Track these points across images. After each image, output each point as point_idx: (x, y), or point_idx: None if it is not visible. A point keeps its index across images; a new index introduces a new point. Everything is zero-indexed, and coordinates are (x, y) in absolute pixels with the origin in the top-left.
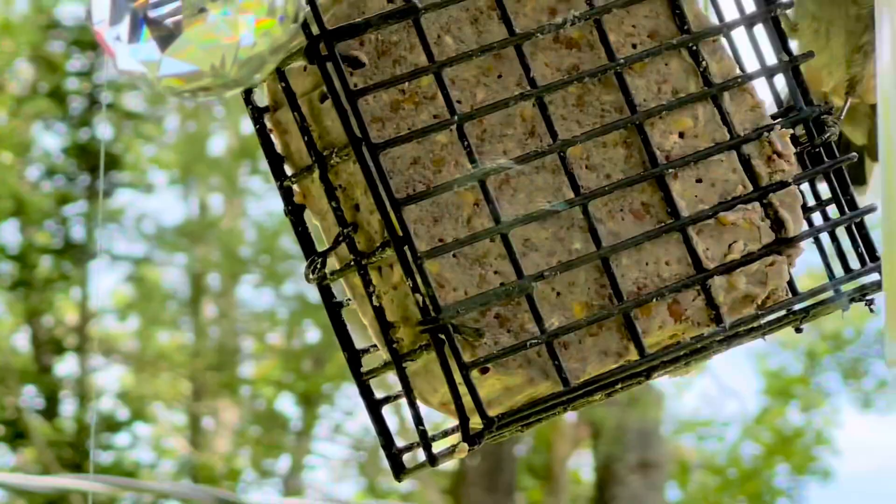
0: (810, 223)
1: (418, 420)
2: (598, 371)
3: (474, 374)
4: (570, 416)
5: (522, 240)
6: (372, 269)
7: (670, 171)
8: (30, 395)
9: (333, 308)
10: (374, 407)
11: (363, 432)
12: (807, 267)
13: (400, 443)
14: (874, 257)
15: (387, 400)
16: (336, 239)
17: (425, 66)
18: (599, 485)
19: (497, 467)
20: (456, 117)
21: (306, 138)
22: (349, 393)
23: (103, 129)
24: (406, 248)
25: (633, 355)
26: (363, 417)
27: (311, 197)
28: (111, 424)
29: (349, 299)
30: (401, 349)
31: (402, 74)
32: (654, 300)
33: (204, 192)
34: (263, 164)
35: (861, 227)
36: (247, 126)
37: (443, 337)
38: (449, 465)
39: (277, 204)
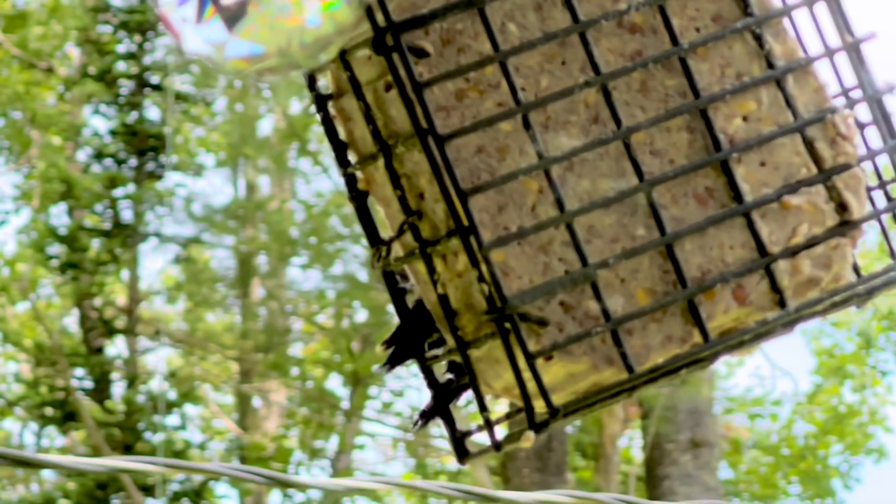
0: (872, 203)
1: (482, 406)
2: (662, 357)
3: (539, 361)
4: None
5: (586, 227)
6: (436, 257)
7: (734, 155)
8: (79, 377)
9: (398, 294)
10: (438, 392)
11: (412, 412)
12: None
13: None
14: None
15: (450, 385)
16: (401, 227)
17: (490, 56)
18: (650, 464)
19: (547, 447)
20: (521, 106)
21: (371, 127)
22: (398, 373)
23: (154, 111)
24: (472, 238)
25: (698, 340)
26: (412, 397)
27: (374, 184)
28: (161, 405)
29: (413, 285)
30: (465, 336)
31: (467, 64)
32: (718, 285)
33: (252, 174)
34: (312, 146)
35: None
36: (295, 107)
37: (508, 326)
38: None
39: (325, 185)
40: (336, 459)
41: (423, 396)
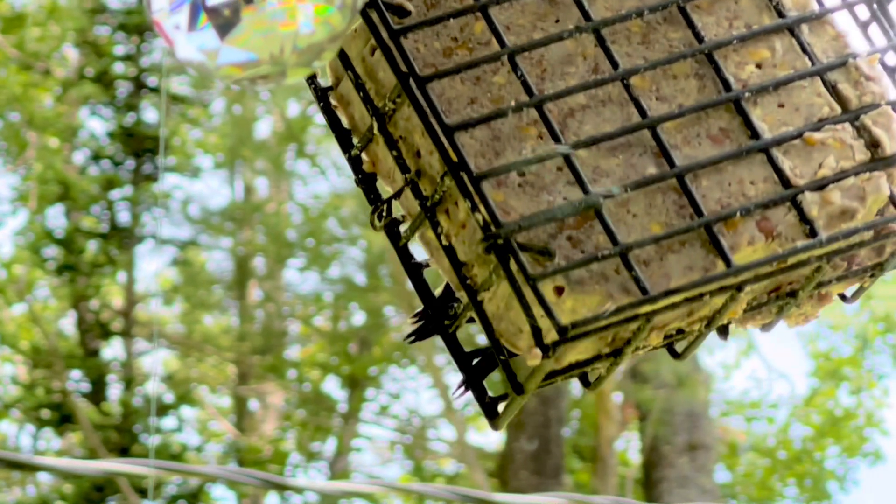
0: None
1: (499, 350)
2: (683, 283)
3: (550, 296)
4: (617, 398)
5: (592, 168)
6: (440, 214)
7: (747, 95)
8: (76, 379)
9: (413, 268)
10: (463, 360)
11: (409, 414)
12: None
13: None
14: None
15: (474, 354)
16: (401, 189)
17: (471, 5)
18: (647, 466)
19: (544, 449)
20: (506, 48)
21: (362, 94)
22: (395, 375)
23: (151, 113)
24: (463, 173)
25: (722, 267)
26: (409, 400)
27: (378, 161)
28: (158, 408)
29: (428, 259)
30: (476, 287)
31: (446, 13)
32: (739, 215)
33: (249, 176)
34: (309, 148)
35: None
36: (293, 109)
37: (508, 251)
38: (495, 446)
39: (323, 187)
40: (333, 462)
41: (421, 399)
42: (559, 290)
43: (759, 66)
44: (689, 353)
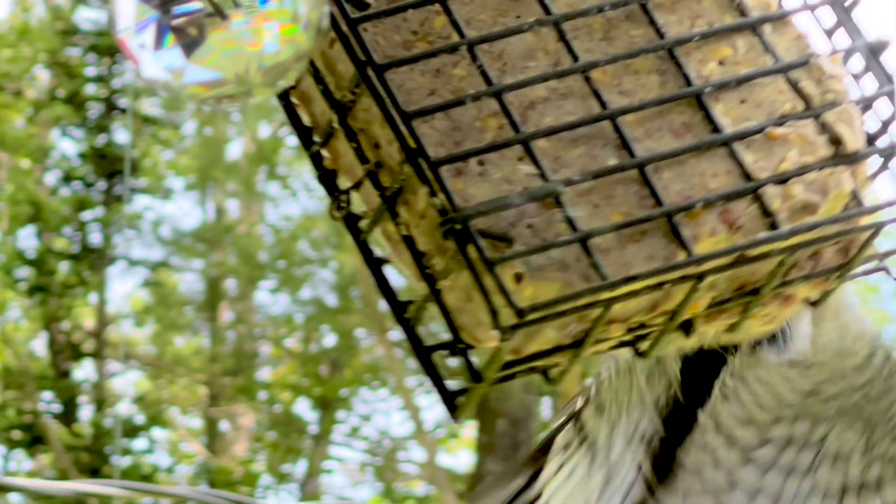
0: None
1: (457, 339)
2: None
3: (509, 282)
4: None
5: (553, 158)
6: (400, 205)
7: (709, 90)
8: (47, 400)
9: (375, 263)
10: (424, 354)
11: (380, 436)
12: None
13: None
14: None
15: (435, 348)
16: (359, 181)
17: None
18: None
19: (514, 472)
20: (466, 39)
21: (322, 88)
22: (366, 397)
23: (122, 134)
24: (421, 160)
25: (683, 256)
26: (380, 421)
27: (339, 157)
28: (129, 429)
29: (389, 255)
30: (436, 277)
31: (406, 3)
32: (701, 205)
33: (221, 197)
34: (281, 170)
35: None
36: (264, 131)
37: (466, 237)
38: (466, 468)
39: (294, 209)
40: (304, 483)
41: (391, 421)
42: (518, 277)
43: (721, 63)
44: (652, 350)
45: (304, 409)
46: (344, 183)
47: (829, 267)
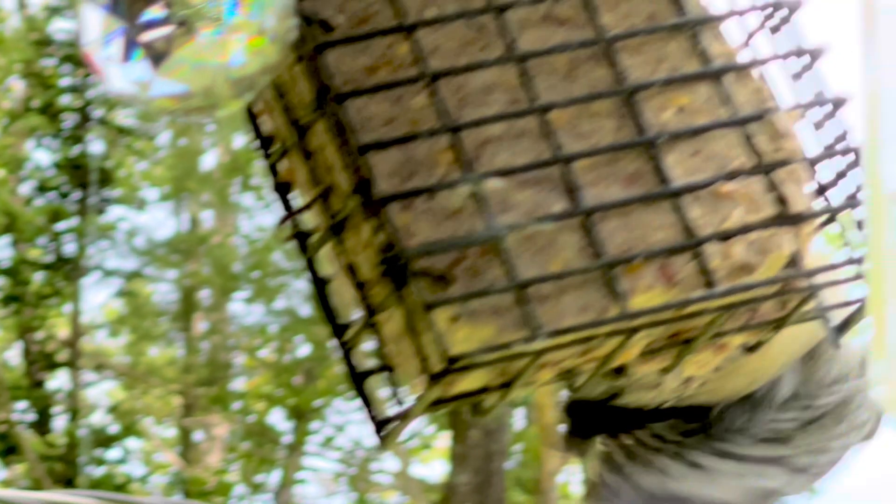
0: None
1: (390, 372)
2: (575, 323)
3: (443, 324)
4: (561, 430)
5: (501, 199)
6: (347, 231)
7: (662, 141)
8: (21, 410)
9: (320, 282)
10: (357, 379)
11: (354, 446)
12: None
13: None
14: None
15: (369, 374)
16: (311, 202)
17: (398, 25)
18: (588, 500)
19: (486, 482)
20: (428, 72)
21: (282, 104)
22: (340, 408)
23: (97, 145)
24: (369, 193)
25: (616, 311)
26: (353, 432)
27: (295, 171)
28: (103, 439)
29: (333, 276)
30: (374, 307)
31: (373, 30)
32: (641, 260)
33: (195, 208)
34: (255, 181)
35: None
36: (238, 142)
37: (404, 275)
38: (438, 479)
39: (268, 220)
40: (278, 494)
41: (365, 432)
42: (454, 318)
43: (680, 110)
44: (581, 392)
45: (278, 419)
46: (297, 197)
47: (765, 319)
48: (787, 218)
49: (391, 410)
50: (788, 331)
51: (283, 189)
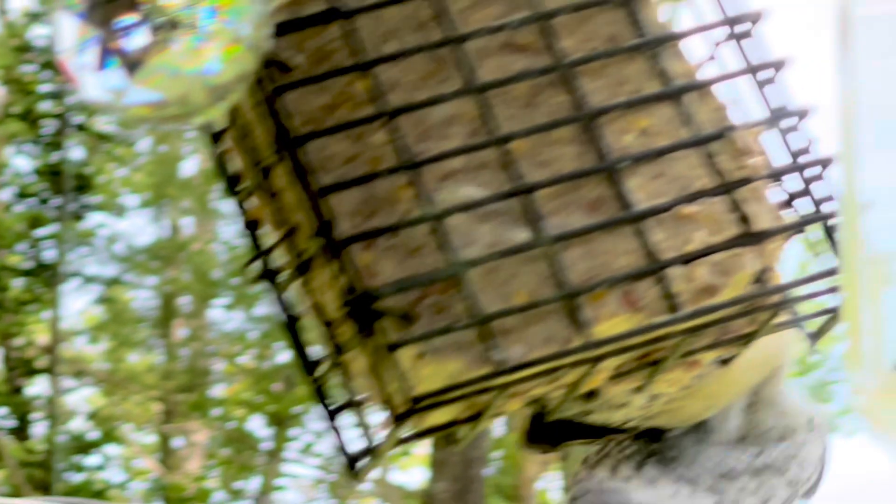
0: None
1: (359, 413)
2: (539, 356)
3: (408, 362)
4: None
5: (463, 232)
6: (312, 270)
7: (624, 165)
8: (1, 416)
9: (290, 319)
10: (329, 414)
11: (333, 453)
12: None
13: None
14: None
15: (342, 408)
16: (276, 244)
17: (356, 63)
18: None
19: (465, 489)
20: (382, 106)
21: (245, 144)
22: (319, 414)
23: (78, 151)
24: (330, 236)
25: (580, 342)
26: (333, 438)
27: (262, 209)
28: (82, 445)
29: (303, 313)
30: (341, 346)
31: (327, 71)
32: (604, 287)
33: (175, 215)
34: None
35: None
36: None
37: (367, 318)
38: (418, 485)
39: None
40: (257, 500)
41: (345, 438)
42: (419, 355)
43: (641, 133)
44: (553, 415)
45: (257, 425)
46: (266, 235)
47: (735, 335)
48: (750, 237)
49: (364, 443)
50: (744, 358)
51: (252, 227)
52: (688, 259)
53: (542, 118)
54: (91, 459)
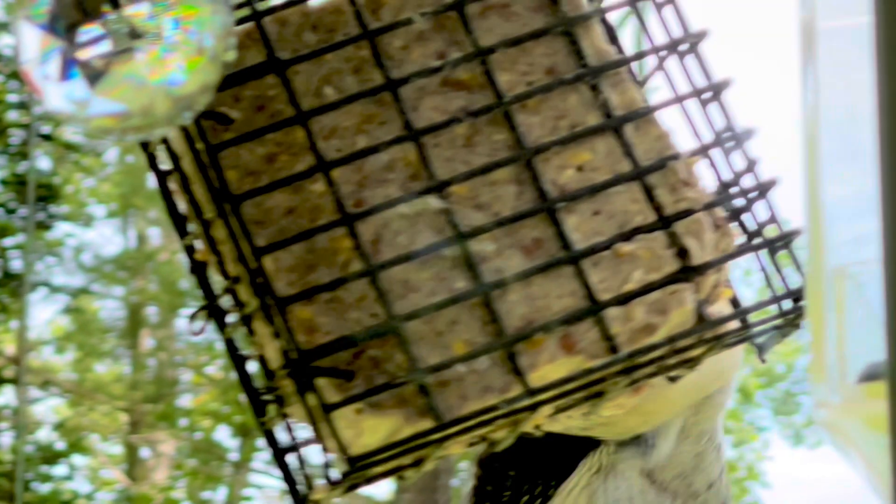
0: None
1: (300, 462)
2: (477, 408)
3: (348, 417)
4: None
5: (402, 282)
6: (256, 320)
7: (562, 205)
8: None
9: (239, 359)
10: (278, 454)
11: (299, 464)
12: None
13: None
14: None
15: (292, 448)
16: (218, 294)
17: (291, 117)
18: None
19: (431, 499)
20: (320, 163)
21: (188, 196)
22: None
23: (45, 161)
24: (266, 294)
25: (518, 391)
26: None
27: (208, 255)
28: (48, 456)
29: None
30: (283, 397)
31: (261, 127)
32: (541, 333)
33: (143, 225)
34: None
35: (776, 253)
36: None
37: (304, 379)
38: (385, 496)
39: None
40: None
41: (311, 449)
42: (358, 410)
43: (579, 169)
44: (494, 448)
45: (224, 436)
46: (214, 278)
47: (680, 360)
48: (689, 271)
49: (318, 481)
50: (685, 378)
51: (199, 269)
52: (625, 299)
53: (482, 158)
54: (58, 470)
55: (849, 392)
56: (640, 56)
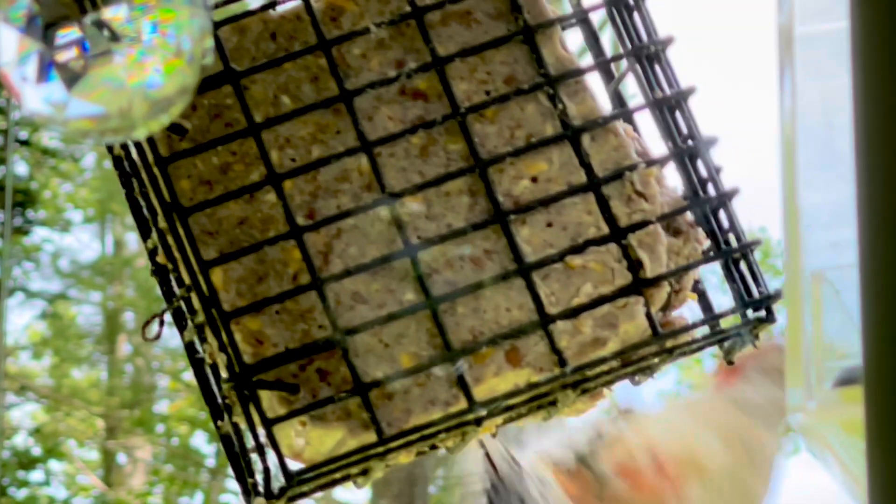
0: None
1: (250, 472)
2: (421, 421)
3: (290, 432)
4: None
5: (351, 293)
6: (206, 330)
7: (514, 217)
8: None
9: (198, 363)
10: (234, 459)
11: (276, 470)
12: None
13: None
14: (759, 292)
15: (244, 454)
16: (172, 302)
17: (241, 129)
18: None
19: None
20: (271, 174)
21: (146, 203)
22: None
23: (23, 166)
24: (212, 308)
25: (463, 404)
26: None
27: (166, 262)
28: (25, 461)
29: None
30: (231, 406)
31: (213, 139)
32: (487, 347)
33: (120, 230)
34: None
35: (738, 263)
36: None
37: (247, 393)
38: (362, 501)
39: None
40: None
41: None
42: (302, 423)
43: (534, 179)
44: (454, 452)
45: (201, 442)
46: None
47: (639, 367)
48: (640, 284)
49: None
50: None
51: (162, 273)
52: (574, 312)
53: (436, 169)
54: (34, 475)
55: (825, 396)
56: (604, 63)
